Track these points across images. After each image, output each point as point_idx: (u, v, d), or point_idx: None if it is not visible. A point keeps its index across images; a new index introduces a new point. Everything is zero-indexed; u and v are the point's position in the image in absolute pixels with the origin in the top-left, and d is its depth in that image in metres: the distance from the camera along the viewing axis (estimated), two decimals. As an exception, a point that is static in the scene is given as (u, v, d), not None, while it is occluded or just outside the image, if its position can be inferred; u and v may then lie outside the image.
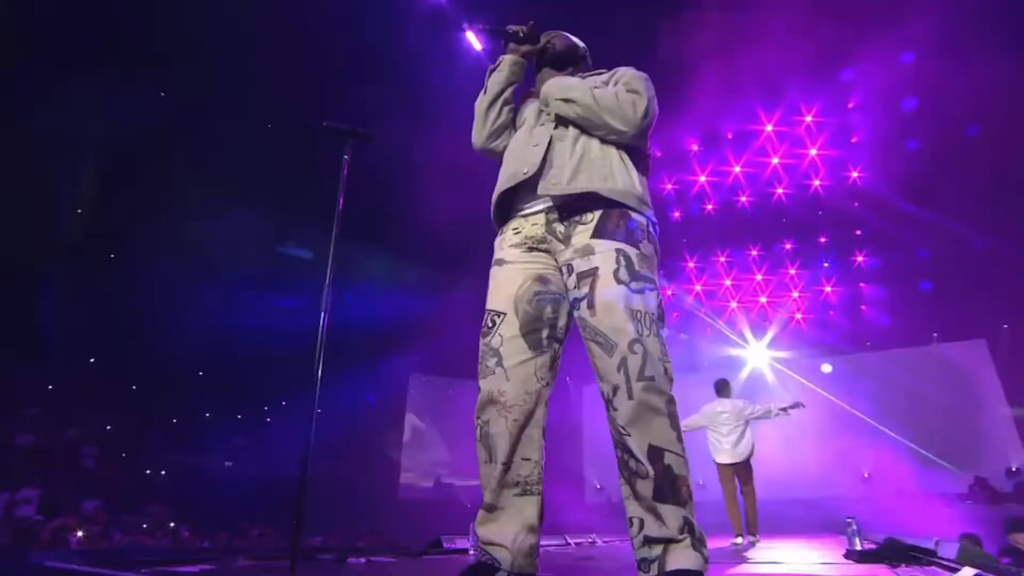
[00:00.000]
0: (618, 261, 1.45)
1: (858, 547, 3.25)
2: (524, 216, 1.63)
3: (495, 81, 1.84)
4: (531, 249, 1.59)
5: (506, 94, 1.83)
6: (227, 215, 8.97)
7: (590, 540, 5.21)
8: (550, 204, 1.57)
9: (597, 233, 1.49)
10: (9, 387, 9.05)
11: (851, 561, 3.04)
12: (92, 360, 9.92)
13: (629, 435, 1.37)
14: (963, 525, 5.63)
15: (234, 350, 9.74)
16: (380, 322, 10.67)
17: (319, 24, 8.33)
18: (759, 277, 12.21)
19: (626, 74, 1.73)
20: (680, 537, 1.33)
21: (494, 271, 1.64)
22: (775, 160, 11.53)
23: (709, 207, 12.34)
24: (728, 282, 12.48)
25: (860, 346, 11.22)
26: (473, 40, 9.21)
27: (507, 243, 1.64)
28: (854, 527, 3.34)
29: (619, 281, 1.43)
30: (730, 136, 11.77)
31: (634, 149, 1.64)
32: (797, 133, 11.22)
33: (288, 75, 8.74)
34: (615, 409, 1.40)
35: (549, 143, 1.61)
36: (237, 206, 8.93)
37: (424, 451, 12.17)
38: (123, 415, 9.80)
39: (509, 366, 1.51)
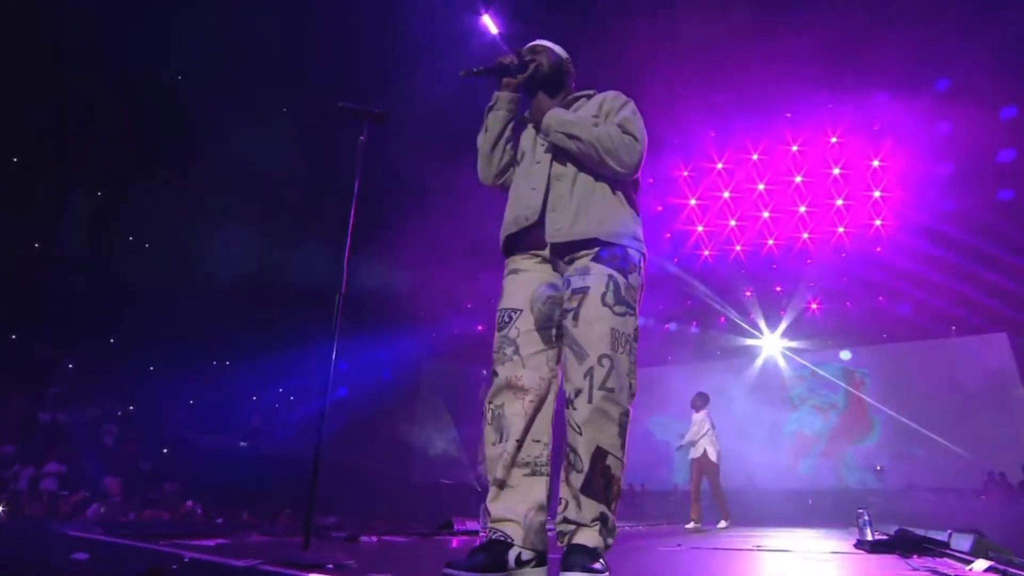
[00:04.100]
0: (607, 285, 1.59)
1: (869, 537, 3.23)
2: (531, 254, 1.77)
3: (495, 120, 1.88)
4: (544, 261, 1.74)
5: (507, 132, 1.89)
6: (246, 194, 9.04)
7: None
8: (554, 243, 1.71)
9: (595, 259, 1.64)
10: (33, 366, 9.27)
11: (862, 551, 3.02)
12: (112, 341, 10.10)
13: (581, 433, 1.51)
14: (978, 519, 5.57)
15: (250, 333, 9.86)
16: (394, 308, 10.74)
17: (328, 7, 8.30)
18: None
19: (615, 107, 1.78)
20: (591, 525, 1.51)
21: (510, 279, 1.78)
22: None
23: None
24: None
25: (877, 338, 11.08)
26: (489, 23, 9.10)
27: (520, 257, 1.78)
28: (865, 518, 3.32)
29: (604, 303, 1.58)
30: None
31: (628, 184, 1.76)
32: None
33: (302, 60, 8.73)
34: (575, 409, 1.53)
35: (548, 186, 1.72)
36: (256, 185, 8.99)
37: (437, 435, 12.29)
38: (142, 395, 9.99)
39: (525, 355, 1.65)
